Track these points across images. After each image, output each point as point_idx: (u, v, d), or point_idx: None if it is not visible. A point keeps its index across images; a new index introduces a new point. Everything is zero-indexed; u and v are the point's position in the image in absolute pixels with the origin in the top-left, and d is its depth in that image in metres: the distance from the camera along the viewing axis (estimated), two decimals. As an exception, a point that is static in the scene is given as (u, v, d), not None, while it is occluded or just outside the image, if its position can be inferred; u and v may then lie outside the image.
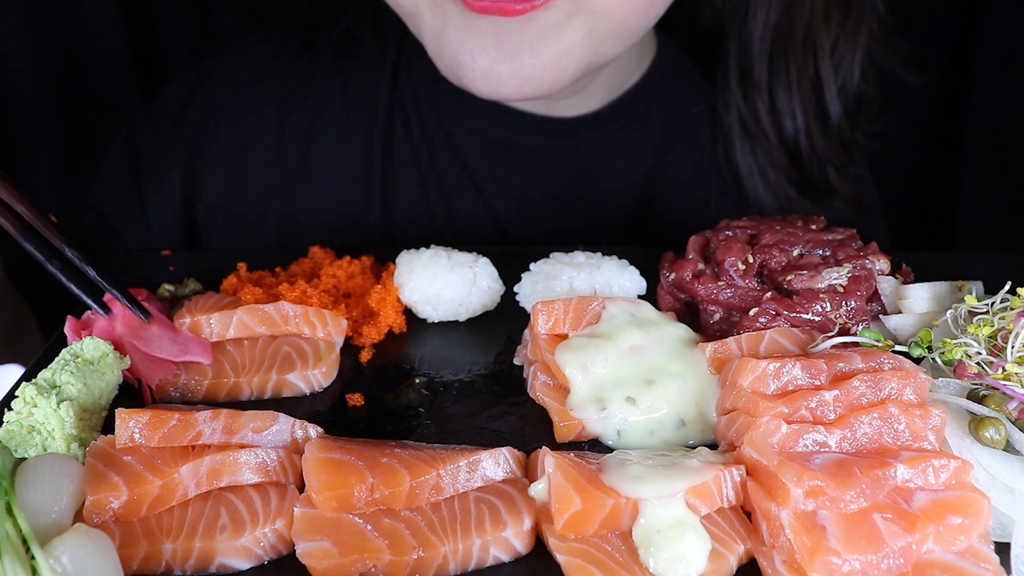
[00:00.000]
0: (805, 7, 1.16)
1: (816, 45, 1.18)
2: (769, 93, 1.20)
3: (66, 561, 0.60)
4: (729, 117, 1.23)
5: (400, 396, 0.86)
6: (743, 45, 1.20)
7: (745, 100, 1.21)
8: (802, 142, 1.21)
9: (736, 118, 1.22)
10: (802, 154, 1.22)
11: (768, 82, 1.20)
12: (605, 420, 0.79)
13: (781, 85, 1.20)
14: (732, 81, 1.22)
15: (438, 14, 0.98)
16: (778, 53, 1.19)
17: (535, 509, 0.69)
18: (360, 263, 1.02)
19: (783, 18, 1.17)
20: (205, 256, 1.09)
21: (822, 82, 1.20)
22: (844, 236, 0.95)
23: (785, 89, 1.20)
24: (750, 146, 1.23)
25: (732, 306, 0.90)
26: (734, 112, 1.22)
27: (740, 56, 1.21)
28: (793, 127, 1.21)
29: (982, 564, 0.64)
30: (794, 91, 1.20)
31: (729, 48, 1.21)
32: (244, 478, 0.71)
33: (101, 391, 0.80)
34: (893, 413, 0.71)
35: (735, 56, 1.21)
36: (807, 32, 1.17)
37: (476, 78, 0.98)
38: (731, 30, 1.21)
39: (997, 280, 0.87)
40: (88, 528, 0.63)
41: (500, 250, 1.02)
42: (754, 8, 1.17)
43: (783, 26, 1.17)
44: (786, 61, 1.19)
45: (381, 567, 0.65)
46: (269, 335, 0.90)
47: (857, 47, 1.20)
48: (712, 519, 0.68)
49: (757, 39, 1.18)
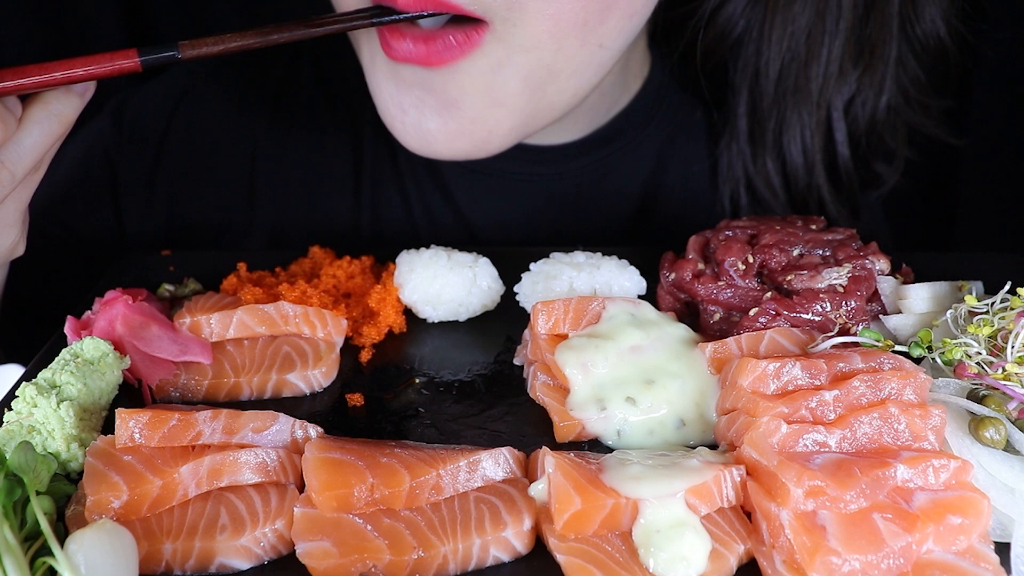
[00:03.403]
0: (820, 65, 1.10)
1: (831, 105, 1.13)
2: (779, 152, 1.15)
3: (81, 558, 0.60)
4: (734, 176, 1.18)
5: (400, 396, 0.86)
6: (754, 104, 1.15)
7: (754, 160, 1.17)
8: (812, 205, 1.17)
9: (742, 176, 1.18)
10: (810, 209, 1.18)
11: (779, 141, 1.15)
12: (605, 420, 0.79)
13: (794, 144, 1.14)
14: (740, 140, 1.16)
15: (368, 54, 0.93)
16: (791, 111, 1.13)
17: (535, 509, 0.69)
18: (360, 263, 1.02)
19: (798, 76, 1.11)
20: (205, 256, 1.09)
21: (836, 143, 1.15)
22: (844, 236, 0.95)
23: (798, 148, 1.14)
24: (754, 204, 1.19)
25: (732, 306, 0.90)
26: (740, 170, 1.18)
27: (750, 115, 1.15)
28: (807, 183, 1.17)
29: (982, 564, 0.64)
30: (809, 148, 1.15)
31: (738, 107, 1.16)
32: (244, 478, 0.71)
33: (101, 391, 0.80)
34: (893, 413, 0.71)
35: (745, 116, 1.16)
36: (822, 91, 1.12)
37: (408, 132, 0.93)
38: (740, 87, 1.15)
39: (997, 280, 0.87)
40: (113, 524, 0.63)
41: (500, 250, 1.02)
42: (766, 65, 1.12)
43: (798, 85, 1.12)
44: (800, 119, 1.14)
45: (381, 567, 0.65)
46: (269, 335, 0.90)
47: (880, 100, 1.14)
48: (712, 519, 0.68)
49: (768, 97, 1.13)
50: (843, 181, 1.19)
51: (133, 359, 0.84)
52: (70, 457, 0.74)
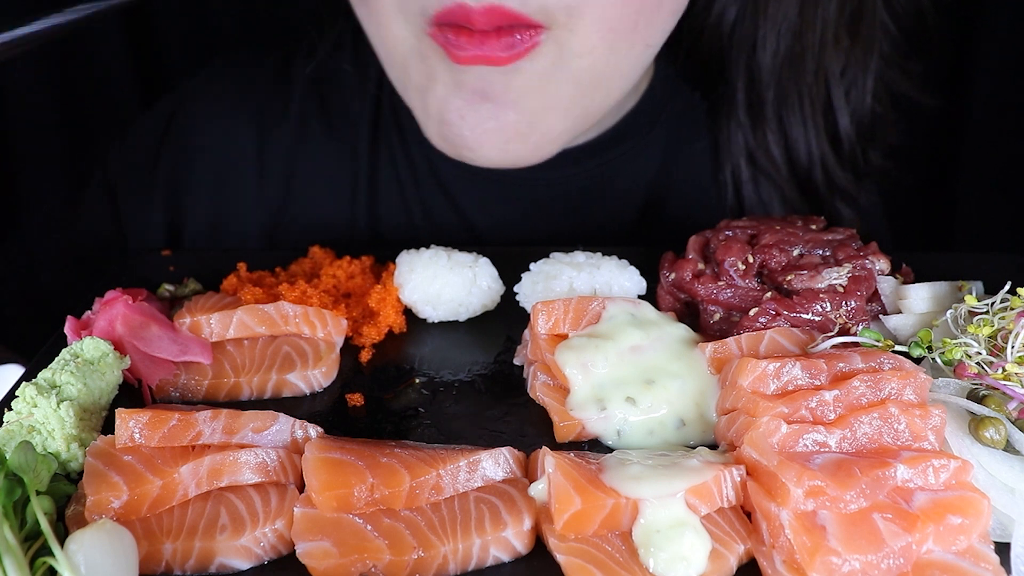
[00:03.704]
0: (816, 33, 1.11)
1: (828, 72, 1.14)
2: (779, 124, 1.16)
3: (81, 558, 0.60)
4: (736, 152, 1.18)
5: (400, 396, 0.86)
6: (752, 77, 1.15)
7: (755, 133, 1.17)
8: (816, 175, 1.18)
9: (743, 151, 1.18)
10: (816, 185, 1.18)
11: (779, 113, 1.16)
12: (605, 420, 0.79)
13: (793, 116, 1.15)
14: (740, 114, 1.17)
15: (423, 71, 0.94)
16: (789, 83, 1.14)
17: (535, 509, 0.69)
18: (360, 263, 1.02)
19: (793, 46, 1.12)
20: (205, 256, 1.09)
21: (835, 110, 1.16)
22: (844, 236, 0.95)
23: (798, 120, 1.15)
24: (756, 180, 1.19)
25: (732, 306, 0.90)
26: (740, 145, 1.18)
27: (748, 89, 1.16)
28: (808, 158, 1.17)
29: (982, 564, 0.64)
30: (808, 121, 1.15)
31: (736, 81, 1.16)
32: (244, 478, 0.71)
33: (101, 391, 0.80)
34: (893, 413, 0.71)
35: (743, 89, 1.16)
36: (819, 59, 1.13)
37: (463, 140, 0.94)
38: (738, 62, 1.16)
39: (997, 280, 0.87)
40: (113, 525, 0.63)
41: (500, 250, 1.02)
42: (763, 38, 1.12)
43: (794, 54, 1.13)
44: (798, 91, 1.14)
45: (381, 567, 0.65)
46: (269, 335, 0.90)
47: (869, 70, 1.15)
48: (712, 519, 0.68)
49: (767, 70, 1.14)
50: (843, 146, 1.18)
51: (133, 359, 0.84)
52: (70, 457, 0.74)
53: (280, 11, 1.63)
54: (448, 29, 0.88)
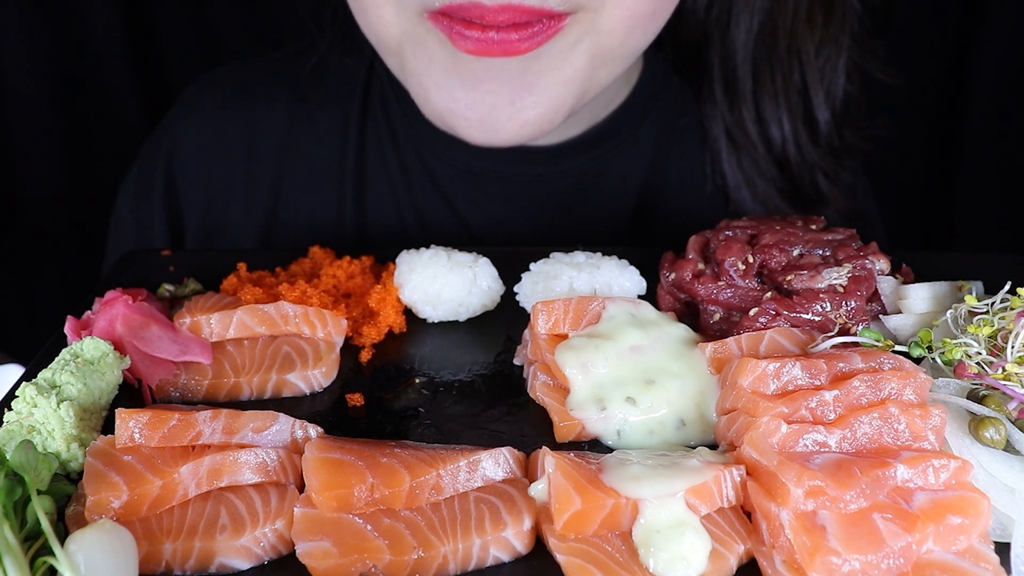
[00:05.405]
0: (788, 12, 1.14)
1: (800, 50, 1.16)
2: (755, 102, 1.18)
3: (81, 558, 0.60)
4: (715, 128, 1.20)
5: (400, 396, 0.86)
6: (727, 54, 1.17)
7: (731, 110, 1.19)
8: (790, 151, 1.19)
9: (722, 129, 1.20)
10: (791, 163, 1.20)
11: (753, 91, 1.18)
12: (605, 420, 0.79)
13: (767, 93, 1.17)
14: (717, 91, 1.19)
15: (421, 55, 0.92)
16: (762, 60, 1.16)
17: (535, 509, 0.69)
18: (360, 263, 1.02)
19: (766, 24, 1.15)
20: (205, 256, 1.09)
21: (808, 87, 1.18)
22: (844, 236, 0.95)
23: (771, 97, 1.17)
24: (737, 157, 1.20)
25: (732, 306, 0.90)
26: (720, 123, 1.20)
27: (724, 65, 1.18)
28: (780, 135, 1.18)
29: (982, 564, 0.64)
30: (780, 99, 1.17)
31: (713, 58, 1.19)
32: (244, 478, 0.71)
33: (101, 391, 0.80)
34: (893, 413, 0.71)
35: (719, 66, 1.18)
36: (791, 37, 1.15)
37: (471, 126, 0.93)
38: (714, 39, 1.18)
39: (997, 280, 0.87)
40: (113, 525, 0.63)
41: (500, 250, 1.02)
42: (736, 15, 1.15)
43: (766, 32, 1.15)
44: (771, 68, 1.16)
45: (381, 567, 0.65)
46: (269, 335, 0.90)
47: (841, 49, 1.17)
48: (712, 519, 0.68)
49: (740, 47, 1.16)
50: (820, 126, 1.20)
51: (133, 359, 0.84)
52: (70, 457, 0.74)
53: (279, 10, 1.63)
54: (456, 20, 0.87)
